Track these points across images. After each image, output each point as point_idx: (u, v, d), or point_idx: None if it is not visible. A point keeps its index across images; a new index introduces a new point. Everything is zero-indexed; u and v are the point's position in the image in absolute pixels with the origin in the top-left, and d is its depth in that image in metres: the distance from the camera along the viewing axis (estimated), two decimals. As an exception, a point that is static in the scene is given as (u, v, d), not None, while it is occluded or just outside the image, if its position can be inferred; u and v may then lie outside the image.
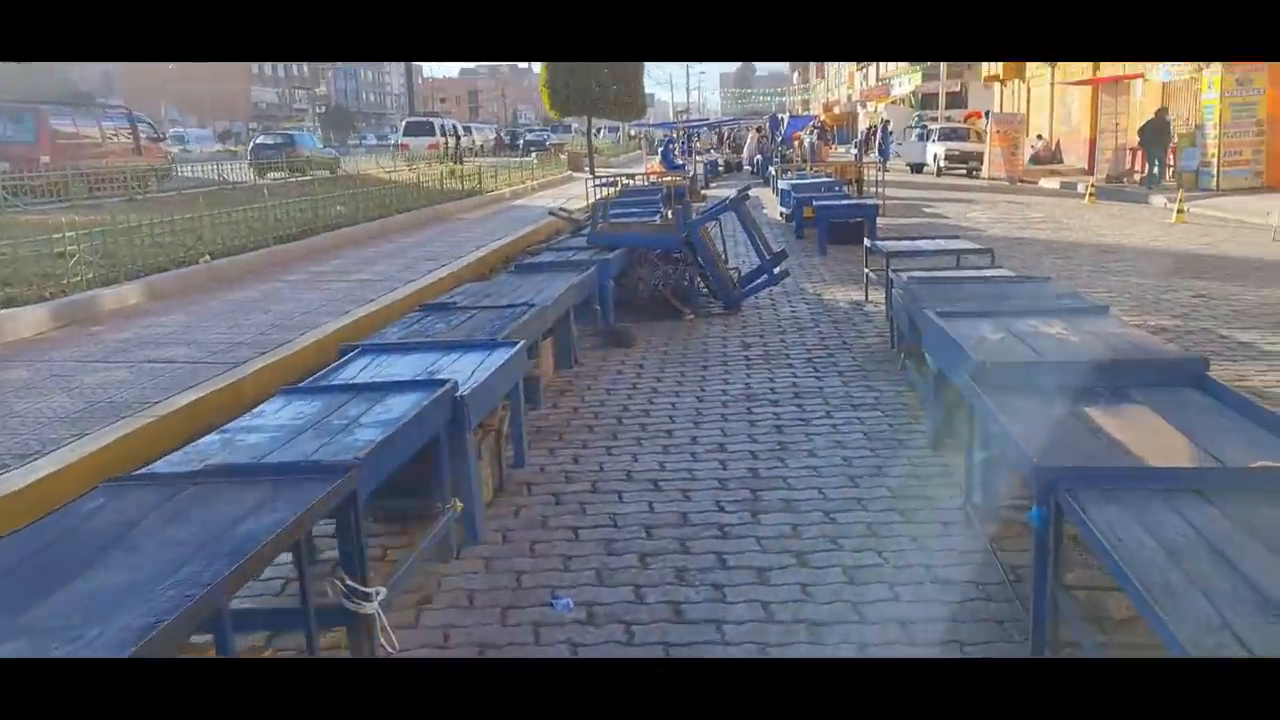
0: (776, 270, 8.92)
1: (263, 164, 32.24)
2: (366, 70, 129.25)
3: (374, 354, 4.73)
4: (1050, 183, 25.96)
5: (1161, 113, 21.30)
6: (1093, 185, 20.58)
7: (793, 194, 15.35)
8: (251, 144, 37.42)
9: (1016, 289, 5.86)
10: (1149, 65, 23.18)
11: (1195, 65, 20.12)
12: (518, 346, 4.73)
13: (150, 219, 10.94)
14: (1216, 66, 19.38)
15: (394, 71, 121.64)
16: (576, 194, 18.93)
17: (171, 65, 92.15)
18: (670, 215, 9.89)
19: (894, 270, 7.16)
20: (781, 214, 16.67)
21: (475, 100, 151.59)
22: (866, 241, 9.08)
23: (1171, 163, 23.09)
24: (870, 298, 9.08)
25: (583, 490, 4.62)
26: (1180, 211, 15.66)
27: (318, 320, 7.70)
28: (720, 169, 36.20)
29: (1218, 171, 19.50)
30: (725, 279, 8.66)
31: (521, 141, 63.31)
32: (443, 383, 3.88)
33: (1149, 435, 3.26)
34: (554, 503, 4.48)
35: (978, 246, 8.39)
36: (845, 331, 7.75)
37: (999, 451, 3.56)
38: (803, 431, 5.30)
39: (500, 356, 4.55)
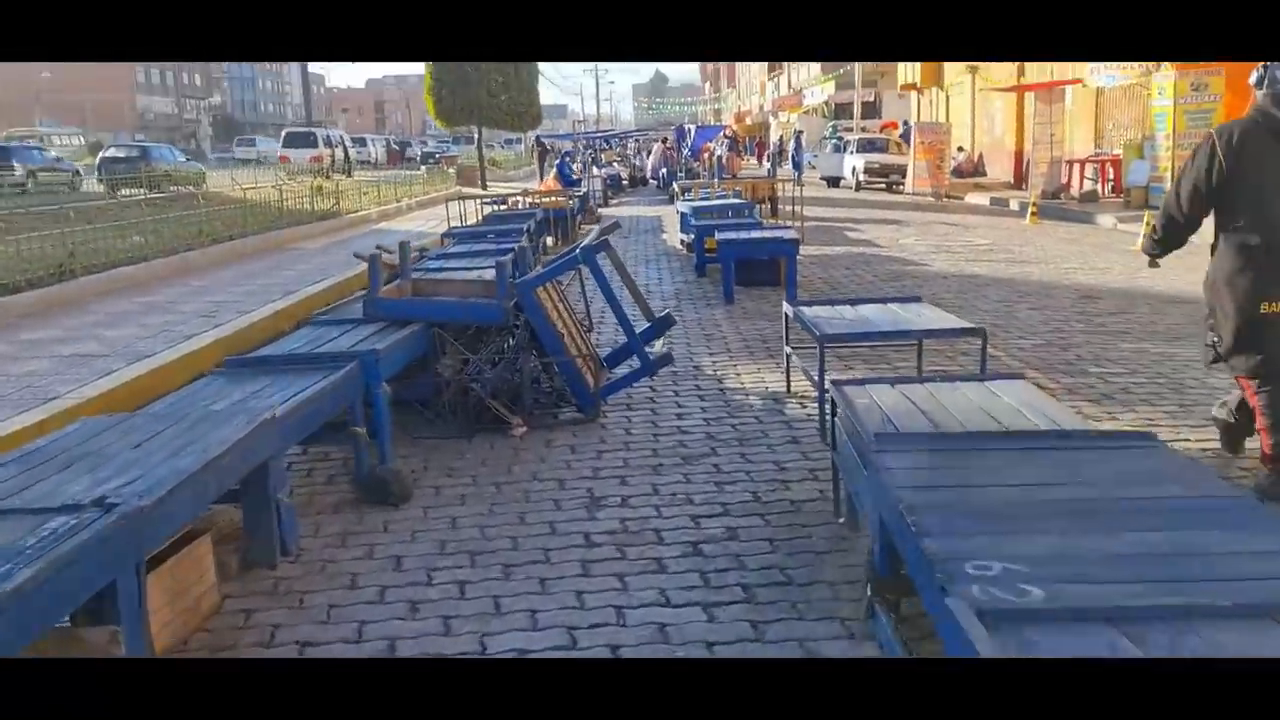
0: (656, 354, 6.04)
1: (114, 179, 28.33)
2: (265, 79, 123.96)
3: None
4: (977, 198, 23.74)
5: None
6: (1034, 203, 18.25)
7: (694, 219, 12.55)
8: (99, 157, 33.31)
9: (1099, 465, 3.02)
10: (1084, 69, 21.05)
11: (1142, 69, 17.96)
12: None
13: None
14: (1168, 69, 17.21)
15: (294, 81, 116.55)
16: (460, 215, 15.83)
17: (45, 73, 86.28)
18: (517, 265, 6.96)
19: (836, 380, 4.30)
20: (683, 242, 13.86)
21: (381, 111, 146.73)
22: (787, 307, 6.26)
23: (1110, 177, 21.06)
24: (793, 388, 6.25)
25: None
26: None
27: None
28: (624, 184, 33.45)
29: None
30: (576, 371, 5.72)
31: (417, 154, 59.87)
32: None
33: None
34: None
35: (953, 324, 5.63)
36: (758, 468, 4.78)
37: None
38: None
39: None
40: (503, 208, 15.76)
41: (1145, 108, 20.94)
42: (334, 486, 4.84)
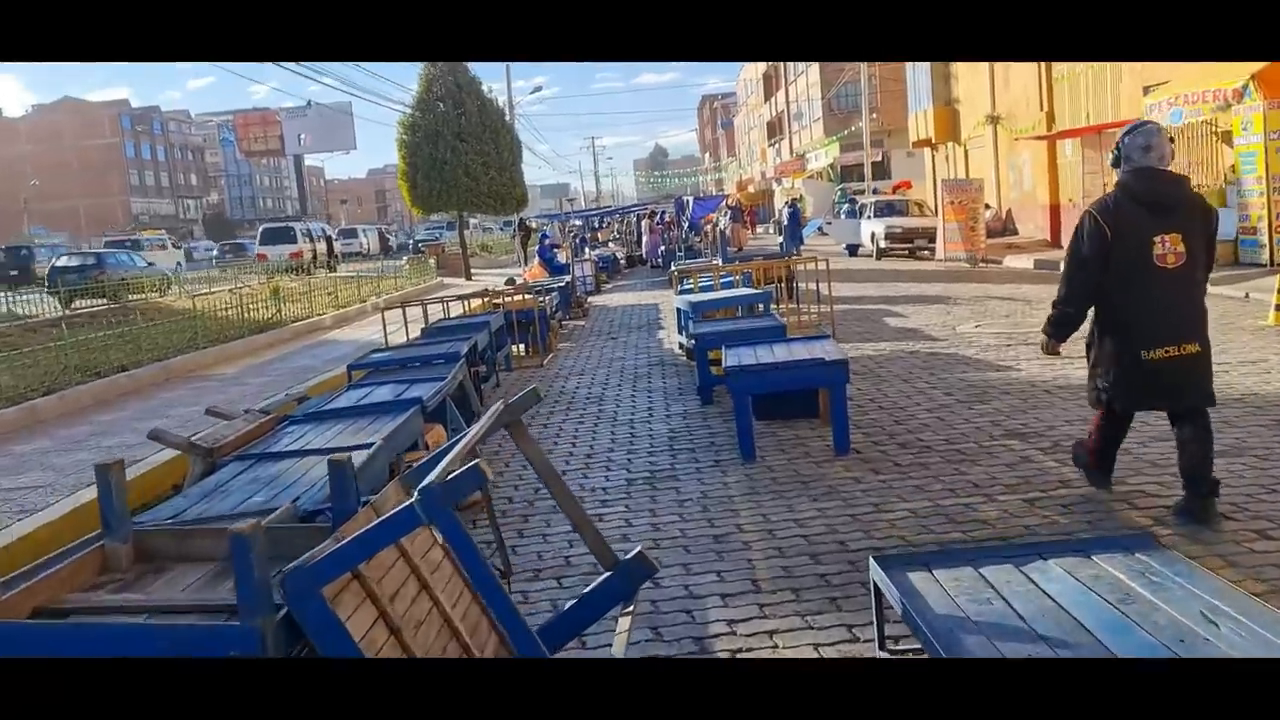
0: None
1: (66, 291, 25.57)
2: (263, 175, 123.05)
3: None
4: (1017, 260, 20.76)
5: None
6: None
7: (694, 320, 9.54)
8: (49, 266, 30.68)
9: None
10: (1142, 107, 18.18)
11: (1218, 101, 15.06)
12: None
13: None
14: (1253, 99, 14.31)
15: (292, 175, 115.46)
16: (431, 313, 12.82)
17: (34, 180, 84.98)
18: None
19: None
20: (682, 347, 10.85)
21: (383, 199, 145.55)
22: (876, 574, 3.13)
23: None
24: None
25: None
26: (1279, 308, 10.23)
27: None
28: (621, 264, 30.65)
29: (1270, 240, 14.28)
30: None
31: (411, 242, 57.47)
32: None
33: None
34: None
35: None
36: None
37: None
38: None
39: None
40: (460, 311, 12.79)
41: (1216, 148, 18.08)
42: None
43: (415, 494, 2.57)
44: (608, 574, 3.43)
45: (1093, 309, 4.75)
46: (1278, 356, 8.37)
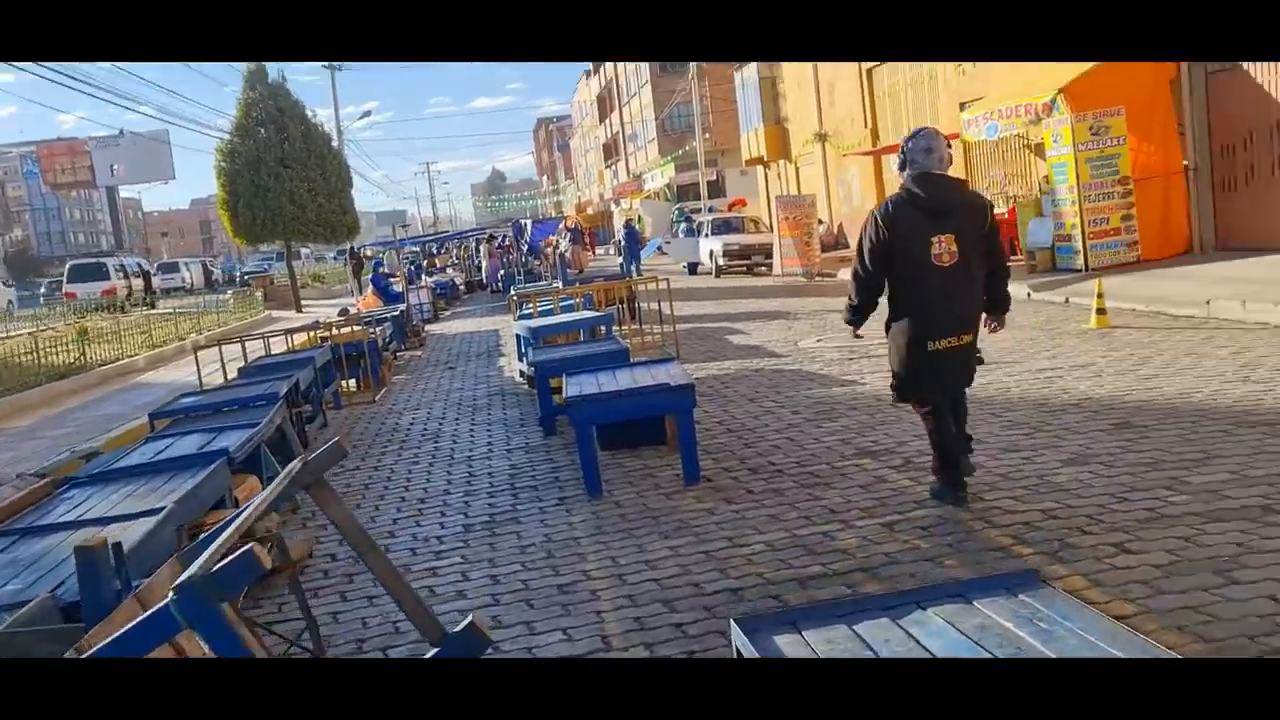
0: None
1: None
2: (73, 208, 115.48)
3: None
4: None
5: None
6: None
7: (535, 347, 9.11)
8: None
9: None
10: (960, 122, 18.82)
11: (1029, 116, 15.68)
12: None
13: None
14: (1062, 113, 14.95)
15: (105, 207, 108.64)
16: (244, 352, 11.79)
17: None
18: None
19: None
20: (523, 375, 10.39)
21: (208, 230, 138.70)
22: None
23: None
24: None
25: None
26: (1102, 312, 10.58)
27: None
28: (460, 290, 29.92)
29: (1084, 247, 14.91)
30: None
31: (220, 276, 54.79)
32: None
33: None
34: None
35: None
36: None
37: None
38: None
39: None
40: (284, 347, 11.94)
41: (1030, 160, 18.91)
42: None
43: (171, 592, 2.05)
44: (434, 650, 2.97)
45: (886, 305, 5.11)
46: (1105, 359, 8.56)
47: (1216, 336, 9.13)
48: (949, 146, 5.02)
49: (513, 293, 16.46)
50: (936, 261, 4.82)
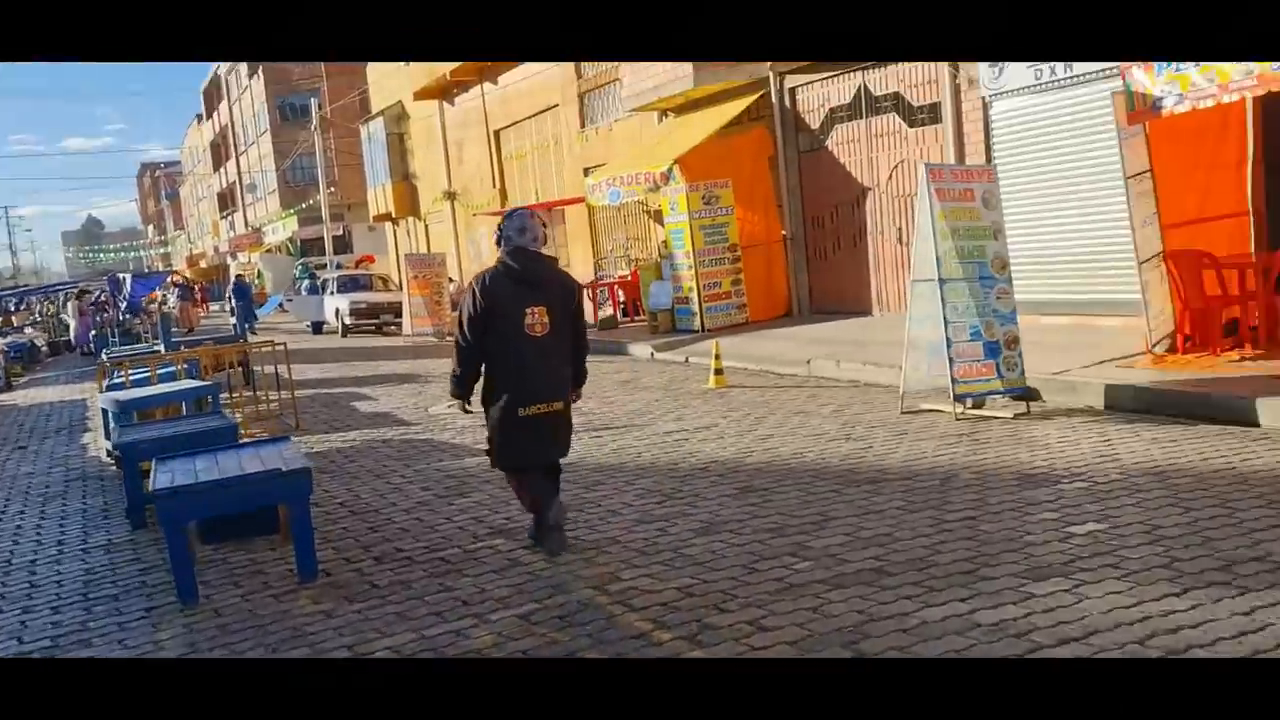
0: None
1: None
2: None
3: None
4: (487, 333, 21.09)
5: None
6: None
7: (122, 426, 7.90)
8: None
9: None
10: (585, 188, 19.40)
11: (649, 183, 16.43)
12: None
13: None
14: (678, 181, 15.81)
15: None
16: None
17: None
18: None
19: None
20: (111, 455, 9.02)
21: None
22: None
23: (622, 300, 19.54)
24: None
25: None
26: (719, 372, 11.12)
27: None
28: (43, 353, 26.29)
29: (700, 309, 15.79)
30: None
31: None
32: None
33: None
34: None
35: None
36: None
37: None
38: None
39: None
40: None
41: (649, 226, 19.84)
42: None
43: None
44: None
45: (485, 373, 5.34)
46: (726, 420, 8.90)
47: (819, 395, 9.84)
48: (544, 226, 5.42)
49: (103, 357, 14.54)
50: (530, 331, 5.17)
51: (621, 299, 19.64)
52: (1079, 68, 10.88)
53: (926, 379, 8.37)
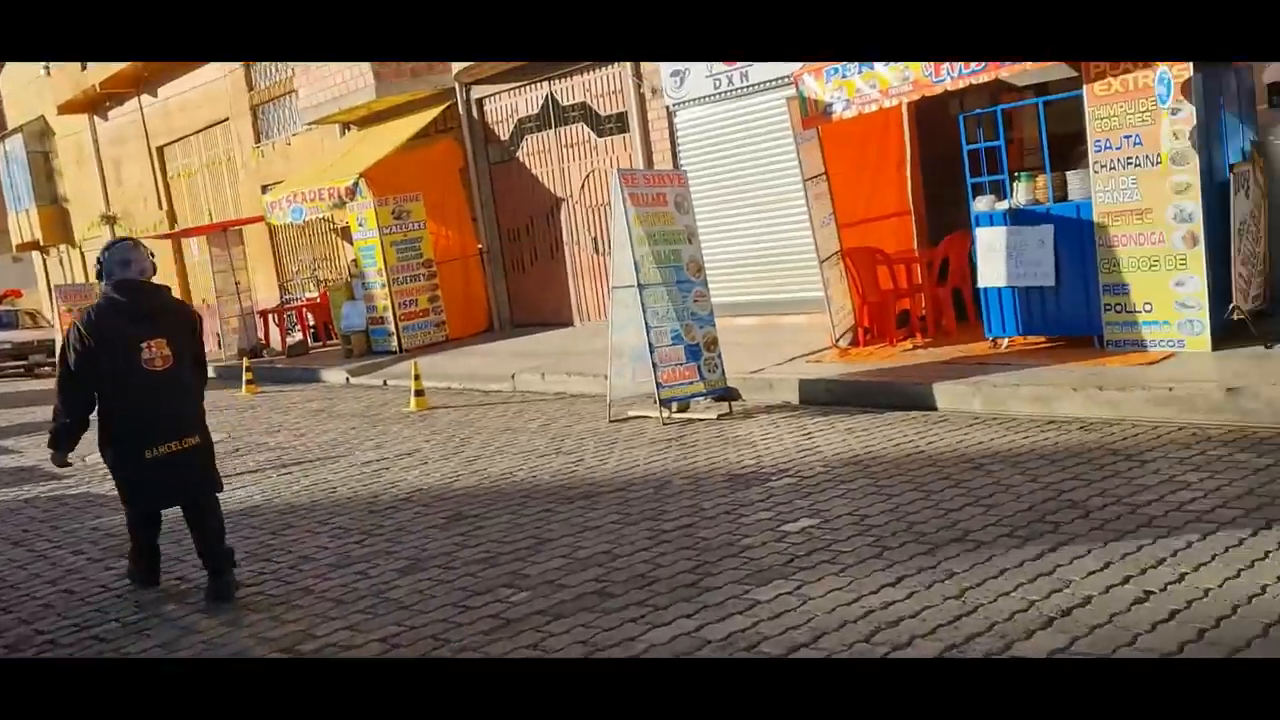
0: None
1: None
2: None
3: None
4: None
5: None
6: (249, 370, 14.61)
7: None
8: None
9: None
10: (265, 205, 18.06)
11: (334, 199, 15.48)
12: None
13: None
14: (365, 196, 15.02)
15: None
16: None
17: None
18: None
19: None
20: None
21: None
22: None
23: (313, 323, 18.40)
24: None
25: None
26: (420, 394, 10.56)
27: None
28: None
29: (397, 329, 15.08)
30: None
31: None
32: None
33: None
34: None
35: None
36: None
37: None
38: None
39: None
40: None
41: (337, 244, 18.81)
42: None
43: None
44: None
45: (99, 416, 4.93)
46: (429, 444, 8.39)
47: (525, 409, 9.54)
48: (152, 257, 5.06)
49: None
50: (149, 366, 4.83)
51: (311, 323, 18.50)
52: (755, 76, 11.30)
53: (632, 385, 8.28)
